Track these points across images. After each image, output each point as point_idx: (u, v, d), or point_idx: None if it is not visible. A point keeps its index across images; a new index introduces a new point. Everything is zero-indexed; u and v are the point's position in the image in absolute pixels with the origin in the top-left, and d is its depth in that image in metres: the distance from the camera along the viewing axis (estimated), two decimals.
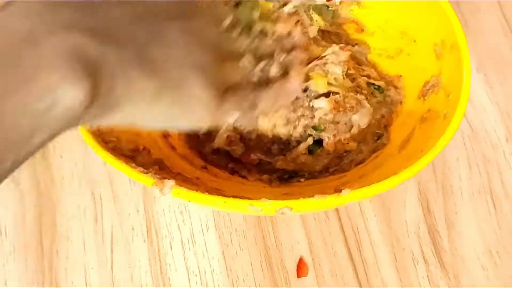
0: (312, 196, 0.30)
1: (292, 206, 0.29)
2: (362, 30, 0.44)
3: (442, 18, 0.36)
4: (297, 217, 0.43)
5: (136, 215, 0.43)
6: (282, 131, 0.39)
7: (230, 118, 0.30)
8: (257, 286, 0.41)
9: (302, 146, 0.40)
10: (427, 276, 0.41)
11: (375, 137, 0.41)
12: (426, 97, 0.38)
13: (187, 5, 0.29)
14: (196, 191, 0.30)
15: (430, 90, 0.37)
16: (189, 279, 0.41)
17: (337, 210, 0.43)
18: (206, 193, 0.30)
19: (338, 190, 0.31)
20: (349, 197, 0.30)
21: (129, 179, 0.44)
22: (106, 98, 0.23)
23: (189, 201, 0.30)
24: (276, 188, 0.40)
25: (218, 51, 0.30)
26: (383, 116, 0.41)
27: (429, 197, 0.44)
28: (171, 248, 0.42)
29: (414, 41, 0.41)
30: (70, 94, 0.21)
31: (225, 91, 0.29)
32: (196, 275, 0.41)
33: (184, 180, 0.35)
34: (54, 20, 0.22)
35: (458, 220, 0.43)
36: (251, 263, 0.41)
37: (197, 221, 0.43)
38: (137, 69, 0.24)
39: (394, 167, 0.36)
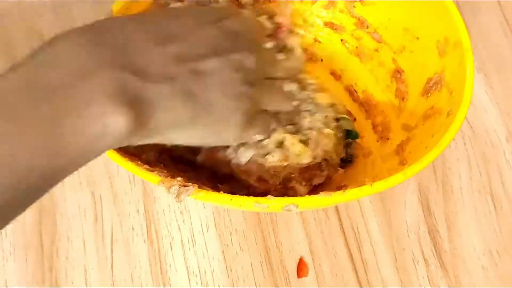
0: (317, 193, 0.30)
1: (297, 203, 0.29)
2: (367, 27, 0.44)
3: (445, 15, 0.36)
4: (297, 217, 0.43)
5: (136, 215, 0.43)
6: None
7: (253, 139, 0.34)
8: (257, 286, 0.41)
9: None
10: (427, 276, 0.41)
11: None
12: (429, 94, 0.38)
13: (230, 37, 0.31)
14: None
15: (433, 87, 0.37)
16: (189, 279, 0.41)
17: (337, 210, 0.43)
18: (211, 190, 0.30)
19: (339, 188, 0.31)
20: (354, 194, 0.29)
21: (129, 179, 0.44)
22: (148, 125, 0.26)
23: (196, 199, 0.30)
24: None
25: (258, 79, 0.32)
26: None
27: (429, 197, 0.44)
28: (171, 248, 0.42)
29: (417, 38, 0.41)
30: (117, 121, 0.24)
31: (255, 114, 0.32)
32: (196, 275, 0.41)
33: (188, 178, 0.35)
34: (99, 57, 0.25)
35: (458, 220, 0.43)
36: (251, 263, 0.41)
37: (197, 221, 0.43)
38: (174, 100, 0.27)
39: (397, 164, 0.36)
